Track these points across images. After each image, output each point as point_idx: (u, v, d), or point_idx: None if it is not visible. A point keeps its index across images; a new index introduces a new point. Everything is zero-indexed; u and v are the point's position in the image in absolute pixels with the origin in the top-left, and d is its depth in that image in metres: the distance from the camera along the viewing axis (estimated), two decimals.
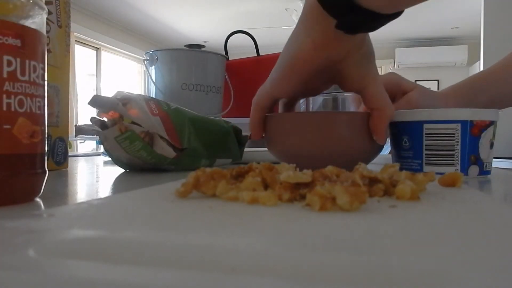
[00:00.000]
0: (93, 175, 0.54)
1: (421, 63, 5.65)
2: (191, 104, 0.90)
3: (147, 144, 0.52)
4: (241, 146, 0.66)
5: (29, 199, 0.29)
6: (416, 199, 0.27)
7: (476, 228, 0.20)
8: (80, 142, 3.99)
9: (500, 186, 0.43)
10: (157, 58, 1.01)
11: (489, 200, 0.28)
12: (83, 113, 4.41)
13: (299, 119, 0.47)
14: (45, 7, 0.30)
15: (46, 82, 0.30)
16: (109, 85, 5.10)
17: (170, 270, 0.14)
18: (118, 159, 0.55)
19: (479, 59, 2.93)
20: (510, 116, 3.16)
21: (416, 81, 5.08)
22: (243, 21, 5.03)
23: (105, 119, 0.54)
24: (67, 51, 0.61)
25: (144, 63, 1.04)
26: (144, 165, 0.55)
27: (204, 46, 1.10)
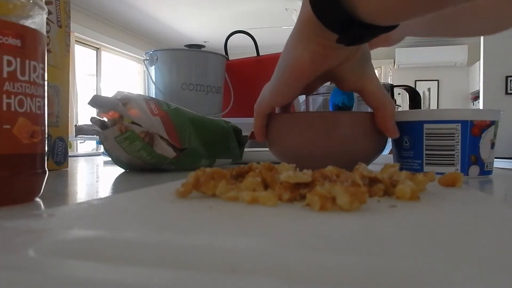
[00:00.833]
0: (93, 175, 0.54)
1: (421, 63, 5.64)
2: (191, 104, 0.90)
3: (147, 144, 0.52)
4: (241, 146, 0.66)
5: (29, 199, 0.29)
6: (416, 199, 0.27)
7: (476, 228, 0.20)
8: (80, 142, 3.99)
9: (501, 186, 0.43)
10: (157, 58, 1.01)
11: (489, 200, 0.28)
12: (83, 113, 4.40)
13: (300, 119, 0.47)
14: (45, 7, 0.30)
15: (46, 82, 0.30)
16: (109, 85, 5.10)
17: (170, 270, 0.14)
18: (118, 159, 0.55)
19: (479, 59, 2.93)
20: (511, 116, 3.16)
21: (416, 81, 5.04)
22: (243, 21, 5.03)
23: (105, 119, 0.54)
24: (67, 51, 0.61)
25: (144, 63, 1.04)
26: (144, 165, 0.55)
27: (204, 46, 1.10)
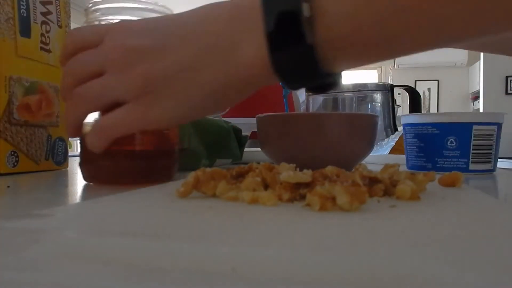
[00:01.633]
0: None
1: (421, 63, 5.62)
2: None
3: None
4: (241, 146, 0.66)
5: (169, 180, 0.39)
6: (416, 199, 0.27)
7: (476, 228, 0.20)
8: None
9: (501, 186, 0.43)
10: None
11: (490, 200, 0.28)
12: None
13: (289, 120, 0.48)
14: None
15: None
16: None
17: (170, 271, 0.14)
18: None
19: (479, 59, 2.92)
20: (511, 116, 3.16)
21: (416, 81, 5.03)
22: None
23: None
24: None
25: None
26: None
27: None
